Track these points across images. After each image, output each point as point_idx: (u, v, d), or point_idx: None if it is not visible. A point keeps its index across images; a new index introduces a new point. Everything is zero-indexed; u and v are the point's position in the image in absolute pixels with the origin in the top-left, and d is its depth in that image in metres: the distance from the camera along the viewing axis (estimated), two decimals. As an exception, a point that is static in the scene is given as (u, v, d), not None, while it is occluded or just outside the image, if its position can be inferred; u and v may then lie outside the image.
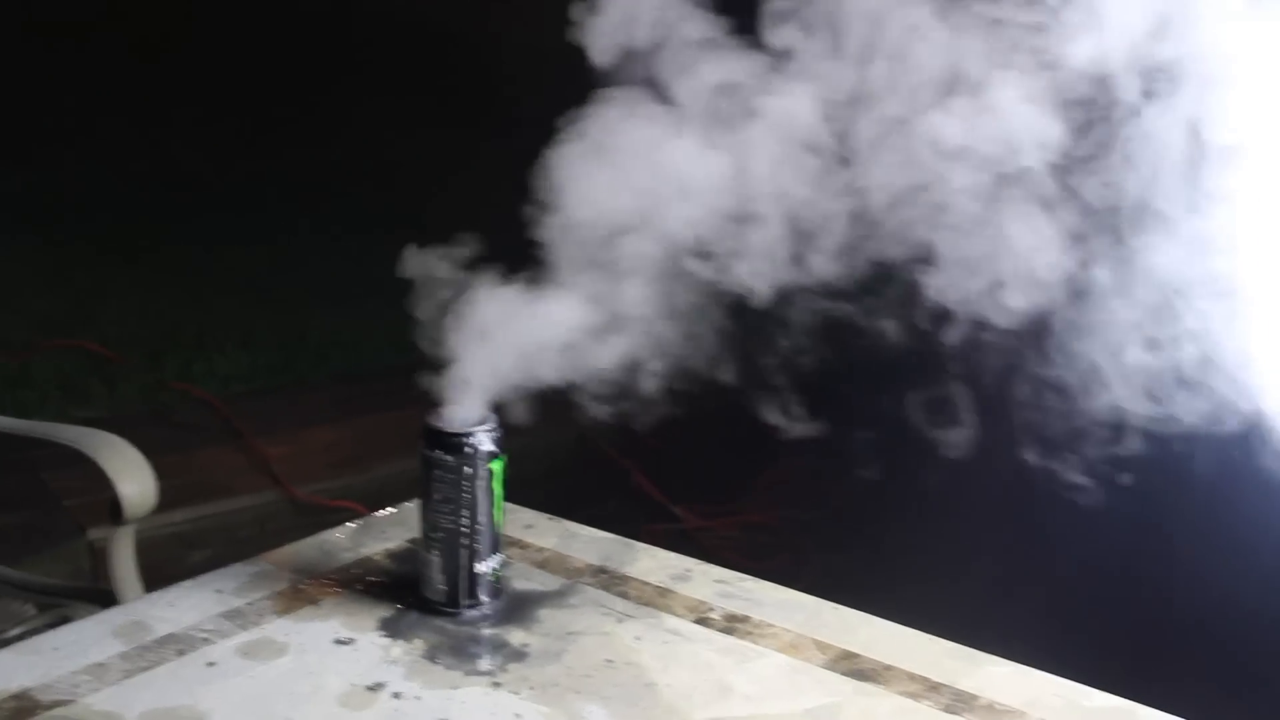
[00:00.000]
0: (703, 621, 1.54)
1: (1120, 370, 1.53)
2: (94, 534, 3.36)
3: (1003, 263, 1.51)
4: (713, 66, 1.52)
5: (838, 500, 4.07)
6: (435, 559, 1.53)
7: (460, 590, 1.53)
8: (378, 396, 4.61)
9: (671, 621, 1.54)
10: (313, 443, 4.28)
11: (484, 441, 1.51)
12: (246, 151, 7.38)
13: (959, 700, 1.39)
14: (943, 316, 1.54)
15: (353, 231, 6.55)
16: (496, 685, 1.40)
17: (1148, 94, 1.44)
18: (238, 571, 1.62)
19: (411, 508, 1.74)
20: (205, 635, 1.47)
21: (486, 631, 1.51)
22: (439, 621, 1.52)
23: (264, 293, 5.80)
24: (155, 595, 1.57)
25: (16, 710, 1.31)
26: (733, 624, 1.54)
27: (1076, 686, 1.42)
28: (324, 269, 6.11)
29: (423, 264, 1.50)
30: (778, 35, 1.50)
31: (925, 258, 1.53)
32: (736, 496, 4.22)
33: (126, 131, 7.58)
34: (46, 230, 6.44)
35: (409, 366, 1.49)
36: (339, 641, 1.47)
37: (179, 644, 1.45)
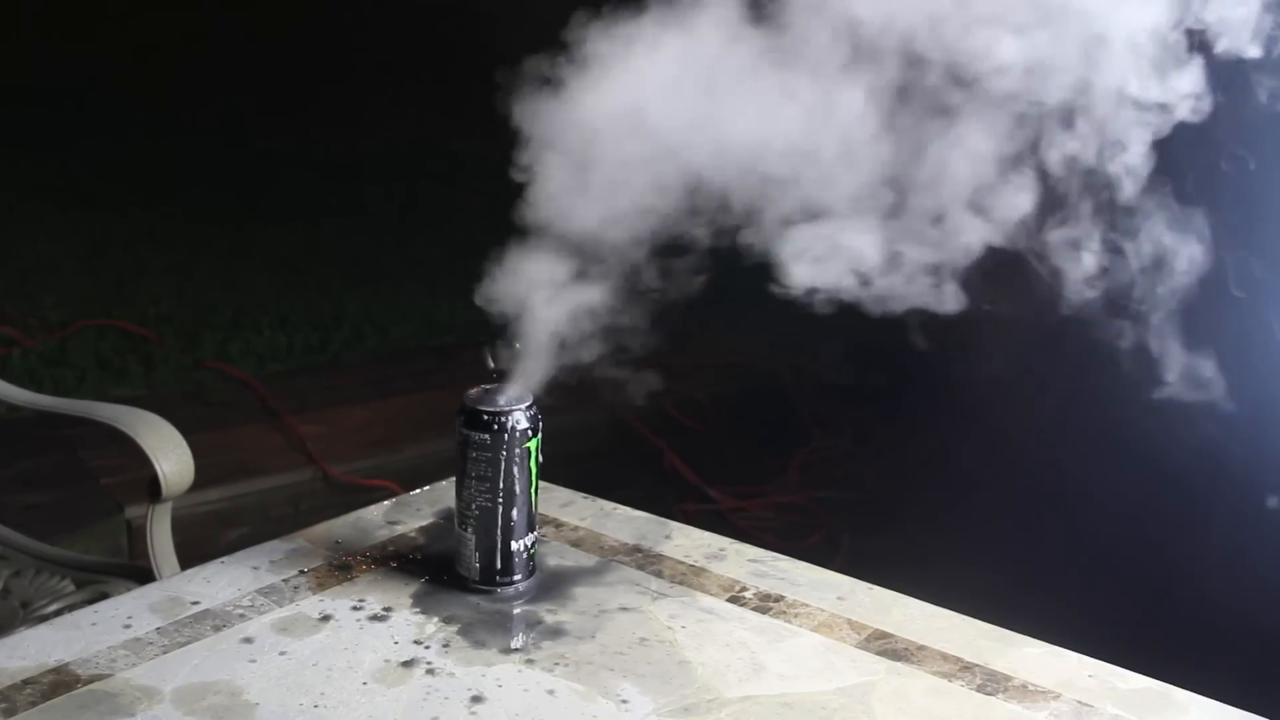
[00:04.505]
0: (736, 600, 1.54)
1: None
2: (131, 511, 3.38)
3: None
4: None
5: (871, 481, 4.07)
6: (470, 537, 1.54)
7: (495, 568, 1.54)
8: (412, 377, 4.64)
9: (705, 600, 1.54)
10: (347, 422, 4.30)
11: (520, 420, 1.51)
12: (283, 132, 7.40)
13: (992, 680, 1.39)
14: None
15: (388, 213, 6.57)
16: (530, 662, 1.40)
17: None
18: (273, 548, 1.63)
19: (445, 486, 1.75)
20: (241, 611, 1.48)
21: (520, 609, 1.52)
22: (473, 599, 1.53)
23: (299, 273, 5.82)
24: (192, 572, 1.58)
25: (55, 684, 1.32)
26: (766, 603, 1.54)
27: (1111, 668, 1.41)
28: (359, 250, 6.12)
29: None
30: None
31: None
32: (770, 478, 4.21)
33: (163, 112, 7.60)
34: (84, 211, 6.47)
35: (443, 347, 1.49)
36: (374, 618, 1.48)
37: (215, 620, 1.46)
